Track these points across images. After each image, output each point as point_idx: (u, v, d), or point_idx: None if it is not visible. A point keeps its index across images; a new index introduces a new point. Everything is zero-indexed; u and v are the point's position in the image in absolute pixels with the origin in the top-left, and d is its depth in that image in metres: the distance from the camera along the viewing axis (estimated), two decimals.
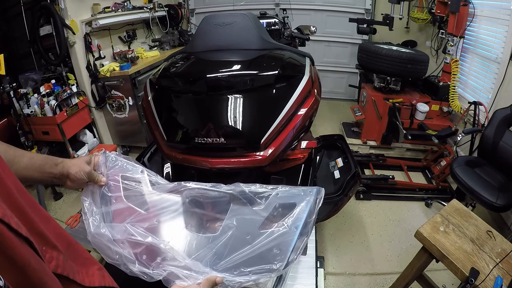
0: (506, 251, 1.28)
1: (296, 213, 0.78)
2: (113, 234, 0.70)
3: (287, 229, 0.76)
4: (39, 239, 0.46)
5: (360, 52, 3.12)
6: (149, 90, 1.62)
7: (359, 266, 2.01)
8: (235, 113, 1.41)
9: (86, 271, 0.55)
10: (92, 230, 0.69)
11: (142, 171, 0.82)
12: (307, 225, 0.77)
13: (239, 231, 0.76)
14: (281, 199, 0.81)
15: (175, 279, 0.65)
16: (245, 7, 4.11)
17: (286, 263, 0.71)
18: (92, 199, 0.75)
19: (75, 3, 2.66)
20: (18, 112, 2.40)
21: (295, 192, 0.82)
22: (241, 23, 1.69)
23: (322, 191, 0.82)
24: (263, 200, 0.81)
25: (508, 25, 2.36)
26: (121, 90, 2.95)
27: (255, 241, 0.73)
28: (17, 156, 0.67)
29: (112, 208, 0.75)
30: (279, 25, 2.99)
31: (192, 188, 0.82)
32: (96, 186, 0.77)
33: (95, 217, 0.71)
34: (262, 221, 0.77)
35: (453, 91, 2.86)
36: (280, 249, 0.72)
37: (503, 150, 2.01)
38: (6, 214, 0.38)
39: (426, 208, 2.50)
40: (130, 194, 0.78)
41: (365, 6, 4.02)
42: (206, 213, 0.82)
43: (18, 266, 0.38)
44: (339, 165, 1.86)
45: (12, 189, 0.44)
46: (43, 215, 0.52)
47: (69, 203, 2.63)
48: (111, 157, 0.80)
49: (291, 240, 0.74)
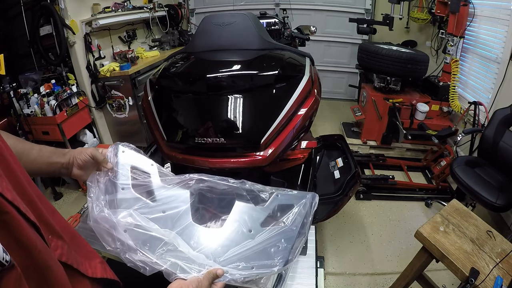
0: (506, 251, 1.28)
1: (294, 214, 0.83)
2: (117, 219, 0.69)
3: (287, 227, 0.80)
4: (46, 228, 0.47)
5: (360, 52, 3.12)
6: (149, 90, 1.63)
7: (359, 266, 2.01)
8: (235, 113, 1.41)
9: (89, 263, 0.57)
10: (95, 214, 0.69)
11: (152, 164, 0.83)
12: (304, 226, 0.81)
13: (243, 226, 0.79)
14: (280, 200, 0.87)
15: (177, 270, 0.65)
16: (245, 7, 4.11)
17: (287, 260, 0.73)
18: (97, 186, 0.74)
19: (75, 3, 2.66)
20: (18, 112, 2.39)
21: (293, 195, 0.89)
22: (241, 23, 1.69)
23: (317, 197, 0.89)
24: (265, 199, 0.86)
25: (508, 25, 2.36)
26: (121, 90, 2.95)
27: (257, 236, 0.76)
28: (26, 149, 0.69)
29: (118, 196, 0.75)
30: (279, 25, 3.00)
31: (201, 180, 0.83)
32: (102, 174, 0.76)
33: (99, 202, 0.71)
34: (264, 218, 0.82)
35: (453, 91, 2.86)
36: (281, 246, 0.75)
37: (503, 150, 2.01)
38: (16, 199, 0.40)
39: (426, 208, 2.50)
40: (138, 184, 0.78)
41: (365, 6, 4.02)
42: (213, 207, 0.84)
43: (25, 247, 0.39)
44: (339, 165, 1.85)
45: (22, 180, 0.46)
46: (49, 207, 0.53)
47: (69, 203, 2.63)
48: (122, 148, 0.81)
49: (291, 238, 0.77)
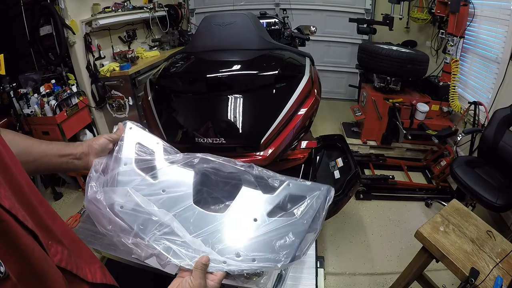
0: (506, 251, 1.28)
1: (306, 206, 0.75)
2: (112, 199, 0.66)
3: (296, 219, 0.73)
4: (46, 234, 0.47)
5: (360, 52, 3.12)
6: (149, 90, 1.62)
7: (359, 266, 2.01)
8: (235, 113, 1.41)
9: (89, 268, 0.57)
10: (89, 195, 0.66)
11: (158, 143, 0.80)
12: (316, 221, 0.74)
13: (247, 214, 0.73)
14: (291, 190, 0.78)
15: (170, 254, 0.63)
16: (245, 7, 4.11)
17: (293, 256, 0.67)
18: (100, 166, 0.72)
19: (75, 3, 2.66)
20: (18, 112, 2.39)
21: (306, 186, 0.80)
22: (241, 23, 1.69)
23: (333, 190, 0.80)
24: (275, 187, 0.78)
25: (508, 25, 2.36)
26: (121, 90, 2.95)
27: (262, 226, 0.70)
28: (35, 143, 0.67)
29: (120, 171, 0.72)
30: (279, 25, 2.99)
31: (206, 160, 0.78)
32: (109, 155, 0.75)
33: (96, 183, 0.68)
34: (272, 208, 0.75)
35: (453, 91, 2.86)
36: (288, 240, 0.69)
37: (503, 150, 2.01)
38: (14, 207, 0.40)
39: (426, 208, 2.50)
40: (141, 160, 0.75)
41: (365, 6, 4.02)
42: (216, 190, 0.78)
43: (22, 255, 0.39)
44: (339, 165, 1.85)
45: (23, 185, 0.46)
46: (50, 212, 0.53)
47: (69, 203, 2.63)
48: (129, 124, 0.79)
49: (300, 232, 0.71)
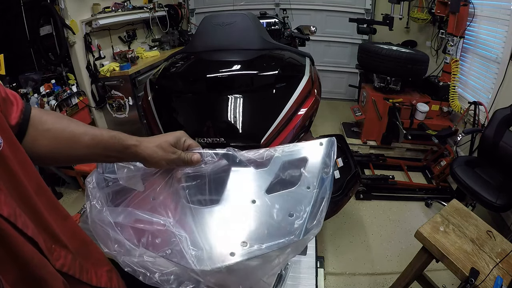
0: (506, 251, 1.28)
1: (308, 168, 0.66)
2: (113, 218, 0.60)
3: (299, 187, 0.64)
4: (49, 238, 0.47)
5: (360, 52, 3.12)
6: (149, 90, 1.62)
7: (359, 266, 2.01)
8: (235, 113, 1.41)
9: (96, 271, 0.57)
10: (94, 214, 0.60)
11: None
12: (323, 182, 0.65)
13: (244, 197, 0.65)
14: (287, 157, 0.69)
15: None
16: (245, 7, 4.10)
17: (305, 229, 0.58)
18: (96, 181, 0.65)
19: (75, 3, 2.66)
20: None
21: (303, 146, 0.70)
22: (241, 23, 1.69)
23: (335, 142, 0.70)
24: (267, 159, 0.69)
25: (508, 25, 2.36)
26: (121, 90, 2.95)
27: (263, 206, 0.63)
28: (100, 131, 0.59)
29: (110, 190, 0.65)
30: (279, 25, 2.99)
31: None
32: (95, 171, 0.67)
33: (98, 201, 0.61)
34: (269, 183, 0.66)
35: (453, 91, 2.86)
36: (294, 213, 0.60)
37: (503, 150, 2.01)
38: (14, 214, 0.40)
39: (426, 208, 2.50)
40: (124, 174, 0.67)
41: (365, 6, 4.02)
42: (205, 184, 0.69)
43: (20, 262, 0.39)
44: (339, 165, 1.85)
45: (29, 190, 0.45)
46: (60, 214, 0.53)
47: (69, 203, 2.63)
48: None
49: (307, 200, 0.62)
